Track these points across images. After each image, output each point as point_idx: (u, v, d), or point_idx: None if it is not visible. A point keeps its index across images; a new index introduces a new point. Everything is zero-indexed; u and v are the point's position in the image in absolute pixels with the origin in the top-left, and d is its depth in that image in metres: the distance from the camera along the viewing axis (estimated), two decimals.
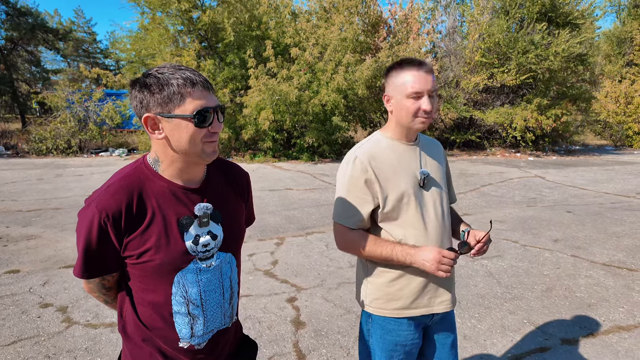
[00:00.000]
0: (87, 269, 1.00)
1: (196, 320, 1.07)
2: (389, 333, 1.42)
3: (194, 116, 0.95)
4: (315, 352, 2.55)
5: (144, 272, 1.01)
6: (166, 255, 1.00)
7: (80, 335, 2.71)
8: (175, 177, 1.04)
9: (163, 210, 1.01)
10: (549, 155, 13.79)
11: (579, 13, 13.46)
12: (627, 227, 5.25)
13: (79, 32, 35.17)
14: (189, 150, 0.98)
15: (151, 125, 0.98)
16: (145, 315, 1.06)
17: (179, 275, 1.03)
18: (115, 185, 0.98)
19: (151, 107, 0.96)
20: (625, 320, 2.96)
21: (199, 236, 1.04)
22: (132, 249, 0.98)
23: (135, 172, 1.02)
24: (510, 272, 3.81)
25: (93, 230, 0.95)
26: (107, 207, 0.95)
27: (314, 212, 5.97)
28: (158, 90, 0.95)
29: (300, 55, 11.35)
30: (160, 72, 0.96)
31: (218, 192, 1.12)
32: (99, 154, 13.40)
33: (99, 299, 1.13)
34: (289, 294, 3.35)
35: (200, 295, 1.06)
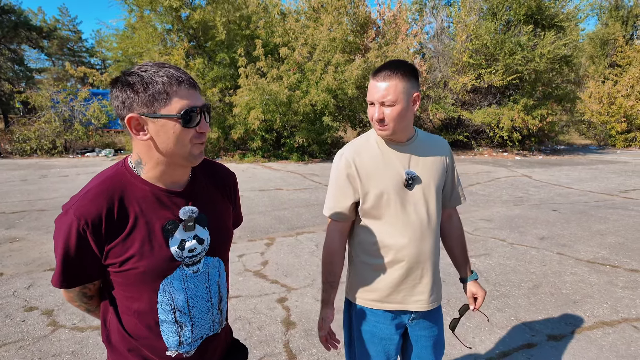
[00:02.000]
0: (65, 278, 0.95)
1: (184, 328, 1.03)
2: (367, 323, 1.47)
3: (181, 116, 0.90)
4: (305, 352, 2.55)
5: (127, 280, 0.96)
6: (150, 262, 0.95)
7: (67, 338, 2.67)
8: (159, 180, 0.99)
9: (146, 215, 0.96)
10: (535, 154, 14.02)
11: (564, 16, 13.72)
12: (610, 224, 5.37)
13: (64, 30, 34.52)
14: (176, 151, 0.94)
15: (135, 126, 0.92)
16: (130, 324, 1.01)
17: (165, 282, 0.98)
18: (94, 190, 0.93)
19: (135, 107, 0.90)
20: (609, 315, 3.03)
21: (184, 241, 1.00)
22: (114, 257, 0.94)
23: (116, 176, 0.97)
24: (498, 270, 3.87)
25: (71, 238, 0.90)
26: (85, 214, 0.89)
27: (304, 212, 5.97)
28: (142, 89, 0.89)
29: (290, 55, 11.33)
30: (143, 70, 0.90)
31: (204, 194, 1.07)
32: (85, 155, 13.19)
33: (80, 308, 1.07)
34: (279, 294, 3.34)
35: (187, 302, 1.02)
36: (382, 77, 1.33)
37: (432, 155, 1.47)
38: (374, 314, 1.46)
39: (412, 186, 1.40)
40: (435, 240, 1.46)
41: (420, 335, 1.51)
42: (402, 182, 1.39)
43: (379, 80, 1.34)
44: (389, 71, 1.33)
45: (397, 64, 1.35)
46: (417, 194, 1.41)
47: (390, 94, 1.31)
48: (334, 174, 1.46)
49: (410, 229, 1.40)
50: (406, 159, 1.42)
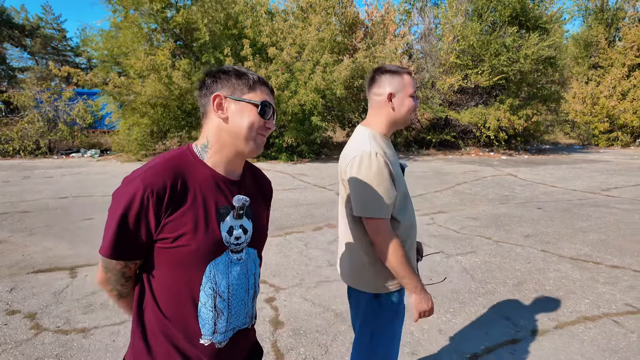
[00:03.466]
0: (117, 247, 0.97)
1: (220, 316, 1.05)
2: (396, 305, 1.59)
3: (261, 104, 1.03)
4: (293, 351, 2.55)
5: (175, 259, 0.99)
6: (203, 242, 0.99)
7: (50, 342, 2.62)
8: (219, 166, 1.06)
9: (204, 195, 1.01)
10: (520, 154, 14.24)
11: (548, 17, 13.96)
12: (593, 222, 5.49)
13: (47, 28, 33.87)
14: (244, 134, 1.03)
15: (217, 104, 1.03)
16: (169, 308, 1.02)
17: (212, 264, 1.02)
18: (160, 165, 0.99)
19: (221, 90, 1.03)
20: (590, 311, 3.10)
21: (232, 227, 1.05)
22: (169, 231, 0.97)
23: (181, 156, 1.03)
24: (484, 268, 3.92)
25: (134, 205, 0.94)
26: (152, 183, 0.94)
27: (292, 212, 5.96)
28: (235, 77, 1.04)
29: (278, 55, 11.31)
30: (239, 68, 1.07)
31: (251, 189, 1.15)
32: (70, 155, 12.97)
33: (111, 292, 1.07)
34: (267, 294, 3.34)
35: (228, 288, 1.05)
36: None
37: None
38: (400, 295, 1.60)
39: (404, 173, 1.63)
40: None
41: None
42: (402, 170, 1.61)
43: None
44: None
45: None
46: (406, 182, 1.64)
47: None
48: (374, 175, 1.44)
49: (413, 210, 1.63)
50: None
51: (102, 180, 8.55)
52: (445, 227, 5.26)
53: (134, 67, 11.75)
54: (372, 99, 1.60)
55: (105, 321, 2.88)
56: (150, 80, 10.92)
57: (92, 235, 4.83)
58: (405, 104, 1.55)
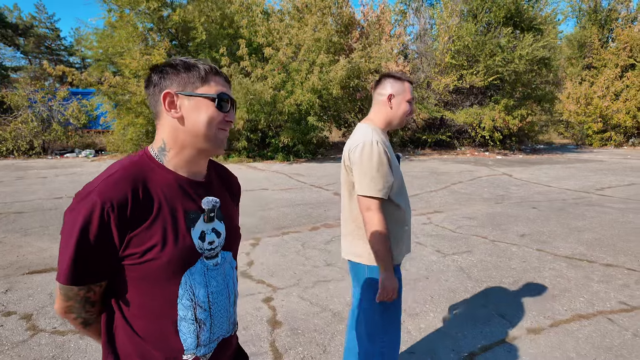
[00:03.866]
0: (77, 272, 0.87)
1: (202, 327, 0.98)
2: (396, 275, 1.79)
3: (217, 97, 0.95)
4: (292, 350, 2.56)
5: (146, 274, 0.90)
6: (174, 252, 0.91)
7: (47, 343, 2.61)
8: (181, 169, 0.98)
9: (170, 202, 0.93)
10: (515, 154, 14.33)
11: (542, 18, 14.07)
12: (587, 221, 5.54)
13: (41, 28, 33.59)
14: (204, 132, 0.94)
15: (169, 103, 0.94)
16: (144, 326, 0.94)
17: (187, 275, 0.94)
18: (117, 175, 0.89)
19: (173, 85, 0.94)
20: (585, 309, 3.13)
21: (204, 232, 0.97)
22: (135, 246, 0.88)
23: (138, 163, 0.94)
24: (480, 267, 3.95)
25: (92, 224, 0.84)
26: (111, 196, 0.85)
27: (289, 212, 5.97)
28: (184, 70, 0.95)
29: (274, 55, 11.30)
30: (187, 59, 0.97)
31: (218, 189, 1.07)
32: (64, 155, 12.88)
33: (75, 321, 0.96)
34: (265, 294, 3.34)
35: (208, 297, 0.98)
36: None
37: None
38: (398, 271, 1.83)
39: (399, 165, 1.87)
40: None
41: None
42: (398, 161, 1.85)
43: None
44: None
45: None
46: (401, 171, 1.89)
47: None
48: (375, 159, 1.66)
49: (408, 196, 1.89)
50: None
51: None
52: (441, 226, 5.29)
53: (129, 67, 11.69)
54: (375, 98, 1.84)
55: None
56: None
57: None
58: (402, 107, 1.78)
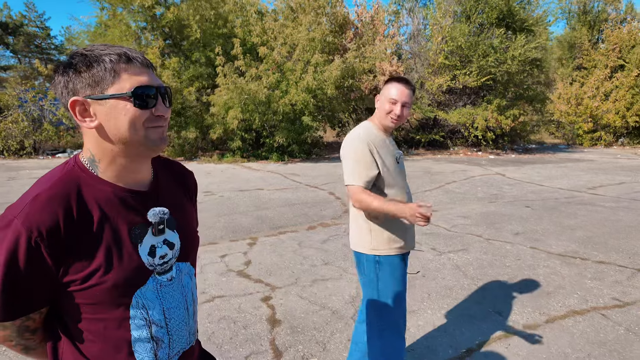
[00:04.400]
0: (10, 308, 0.78)
1: (160, 344, 0.91)
2: (397, 269, 1.90)
3: (132, 94, 0.79)
4: (291, 348, 2.57)
5: (92, 299, 0.81)
6: (119, 274, 0.82)
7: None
8: (119, 180, 0.86)
9: (110, 219, 0.83)
10: (508, 153, 14.47)
11: (534, 20, 14.23)
12: (579, 220, 5.63)
13: (31, 26, 33.18)
14: (129, 138, 0.81)
15: (80, 112, 0.80)
16: (94, 351, 0.86)
17: (137, 294, 0.86)
18: (44, 195, 0.77)
19: (79, 90, 0.79)
20: (579, 305, 3.19)
21: (154, 247, 0.88)
22: (75, 272, 0.78)
23: (69, 177, 0.82)
24: (476, 265, 4.00)
25: (19, 256, 0.74)
26: (37, 223, 0.74)
27: (286, 211, 5.98)
28: (85, 68, 0.78)
29: (269, 55, 11.29)
30: (88, 50, 0.80)
31: (169, 194, 0.96)
32: (56, 156, 12.74)
33: (15, 348, 0.88)
34: (263, 293, 3.35)
35: (163, 314, 0.90)
36: (405, 84, 1.85)
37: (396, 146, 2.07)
38: (401, 261, 1.91)
39: (399, 161, 1.96)
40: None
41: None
42: (395, 159, 1.93)
43: (404, 86, 1.84)
44: (408, 83, 1.88)
45: (410, 81, 1.91)
46: (402, 169, 2.00)
47: (409, 99, 1.87)
48: (358, 152, 1.82)
49: (405, 191, 1.96)
50: (393, 144, 1.99)
51: None
52: (436, 225, 5.34)
53: None
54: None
55: None
56: None
57: None
58: (383, 106, 1.87)
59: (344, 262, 4.00)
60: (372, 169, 1.82)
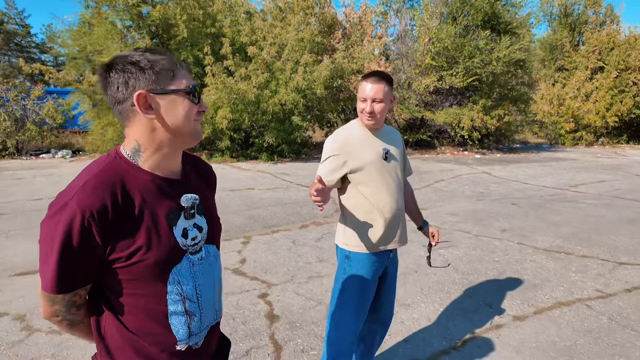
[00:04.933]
0: (63, 282, 0.87)
1: (193, 318, 1.02)
2: (365, 266, 1.88)
3: (190, 90, 0.93)
4: (291, 342, 2.63)
5: (133, 275, 0.92)
6: (159, 253, 0.92)
7: (44, 342, 2.59)
8: (157, 169, 0.96)
9: (149, 204, 0.93)
10: (493, 153, 14.77)
11: (518, 22, 14.55)
12: (564, 216, 5.82)
13: (11, 24, 32.38)
14: (183, 128, 0.94)
15: (143, 105, 0.90)
16: (135, 323, 0.96)
17: (174, 272, 0.96)
18: (93, 181, 0.87)
19: (141, 86, 0.89)
20: (565, 297, 3.32)
21: (186, 229, 0.99)
22: (121, 250, 0.89)
23: (112, 166, 0.92)
24: (465, 260, 4.11)
25: (74, 233, 0.83)
26: (89, 205, 0.84)
27: (278, 210, 6.02)
28: (149, 66, 0.89)
29: (258, 54, 11.29)
30: (142, 52, 0.91)
31: (195, 183, 1.08)
32: (40, 156, 12.48)
33: (62, 323, 0.97)
34: (260, 290, 3.40)
35: (195, 290, 1.01)
36: (374, 80, 1.79)
37: (396, 139, 2.01)
38: (369, 259, 1.88)
39: (388, 159, 1.90)
40: (403, 197, 2.02)
41: (392, 271, 2.05)
42: (381, 156, 1.87)
43: (372, 82, 1.79)
44: (378, 77, 1.80)
45: (383, 74, 1.82)
46: (392, 165, 1.91)
47: (379, 94, 1.80)
48: (329, 151, 1.84)
49: (391, 190, 1.90)
50: (381, 141, 1.92)
51: None
52: None
53: None
54: None
55: None
56: None
57: None
58: (358, 105, 1.85)
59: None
60: (336, 171, 1.81)
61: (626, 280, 3.65)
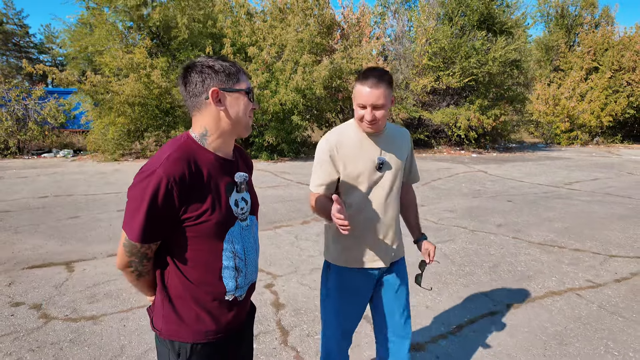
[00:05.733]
0: (147, 233, 1.08)
1: (240, 274, 1.23)
2: (344, 280, 1.75)
3: (249, 90, 1.19)
4: (297, 327, 2.77)
5: (200, 233, 1.14)
6: (220, 216, 1.15)
7: (62, 328, 2.73)
8: (218, 150, 1.20)
9: (213, 177, 1.16)
10: (489, 152, 14.95)
11: (513, 22, 14.74)
12: (557, 212, 5.99)
13: (9, 24, 32.37)
14: (241, 120, 1.19)
15: (215, 98, 1.15)
16: (195, 274, 1.17)
17: (229, 233, 1.19)
18: (174, 155, 1.10)
19: (215, 84, 1.14)
20: (557, 286, 3.48)
21: (237, 200, 1.22)
22: (192, 211, 1.11)
23: (186, 145, 1.16)
24: (462, 253, 4.27)
25: (160, 193, 1.05)
26: (173, 172, 1.06)
27: (279, 207, 6.16)
28: (222, 71, 1.15)
29: (258, 55, 11.43)
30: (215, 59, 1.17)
31: (242, 165, 1.32)
32: (42, 155, 12.58)
33: (132, 274, 1.18)
34: (265, 281, 3.54)
35: (244, 250, 1.24)
36: (372, 84, 1.56)
37: (398, 144, 1.77)
38: (351, 272, 1.74)
39: (382, 169, 1.69)
40: (396, 209, 1.79)
41: (388, 284, 1.81)
42: (374, 166, 1.68)
43: (370, 87, 1.56)
44: (376, 79, 1.56)
45: (381, 73, 1.58)
46: (385, 176, 1.71)
47: (380, 99, 1.57)
48: (318, 156, 1.71)
49: (378, 203, 1.71)
50: (379, 146, 1.70)
51: (82, 180, 8.42)
52: (424, 218, 5.60)
53: (109, 66, 11.56)
54: None
55: (113, 309, 3.00)
56: (129, 80, 10.79)
57: (80, 233, 4.85)
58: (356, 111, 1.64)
59: None
60: (327, 176, 1.69)
61: (616, 272, 3.82)
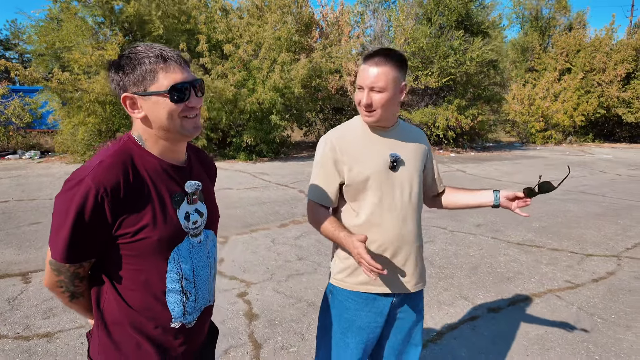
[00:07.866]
0: (72, 251, 0.93)
1: (188, 297, 1.07)
2: (347, 311, 1.45)
3: (169, 91, 0.95)
4: (270, 340, 2.61)
5: (138, 251, 0.98)
6: (163, 232, 0.99)
7: (12, 348, 2.48)
8: (162, 155, 1.04)
9: (157, 186, 1.00)
10: (467, 151, 15.12)
11: (490, 23, 14.95)
12: (535, 211, 6.02)
13: None
14: (168, 126, 0.98)
15: (130, 105, 0.98)
16: (134, 298, 1.02)
17: (175, 251, 1.03)
18: (108, 161, 0.95)
19: (127, 87, 0.97)
20: (536, 288, 3.44)
21: (188, 213, 1.05)
22: (128, 226, 0.95)
23: (124, 148, 1.00)
24: (442, 255, 4.20)
25: (87, 207, 0.90)
26: (104, 182, 0.91)
27: (256, 209, 5.97)
28: (131, 69, 0.96)
29: (234, 52, 11.17)
30: (132, 52, 0.97)
31: (198, 172, 1.15)
32: (6, 157, 11.95)
33: (63, 295, 1.02)
34: (238, 289, 3.36)
35: (193, 271, 1.07)
36: (375, 62, 1.33)
37: (414, 142, 1.50)
38: (356, 300, 1.45)
39: (396, 168, 1.43)
40: (418, 223, 1.48)
41: (402, 321, 1.51)
42: (387, 164, 1.41)
43: (371, 65, 1.33)
44: (382, 57, 1.33)
45: (389, 52, 1.34)
46: (402, 176, 1.44)
47: (381, 80, 1.32)
48: (319, 159, 1.46)
49: (395, 211, 1.42)
50: (390, 143, 1.45)
51: (47, 182, 8.00)
52: None
53: (79, 62, 11.06)
54: None
55: (71, 324, 2.77)
56: (99, 77, 10.35)
57: (40, 240, 4.55)
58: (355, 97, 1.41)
59: (318, 256, 4.08)
60: (327, 181, 1.44)
61: (593, 271, 3.81)
